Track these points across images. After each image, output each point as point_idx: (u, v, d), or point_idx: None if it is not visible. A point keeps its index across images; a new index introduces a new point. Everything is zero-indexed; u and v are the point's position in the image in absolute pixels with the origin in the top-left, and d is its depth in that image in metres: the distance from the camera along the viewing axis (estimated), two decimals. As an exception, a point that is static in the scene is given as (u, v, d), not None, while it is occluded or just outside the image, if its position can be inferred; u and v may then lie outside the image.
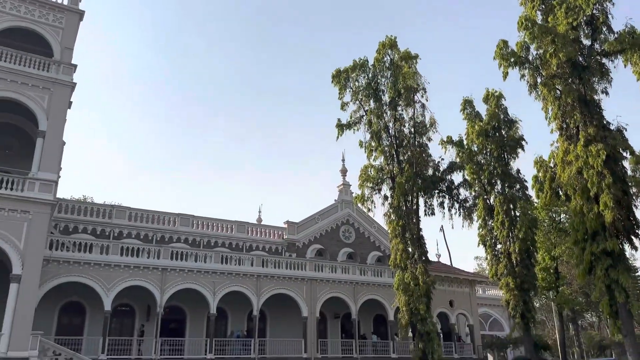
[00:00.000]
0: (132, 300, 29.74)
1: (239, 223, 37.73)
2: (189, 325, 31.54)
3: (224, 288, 30.58)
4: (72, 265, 26.41)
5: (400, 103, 31.08)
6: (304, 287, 33.41)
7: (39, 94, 25.75)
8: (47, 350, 22.67)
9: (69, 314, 28.43)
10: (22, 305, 22.28)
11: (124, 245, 28.64)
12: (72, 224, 31.44)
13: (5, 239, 22.85)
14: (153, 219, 34.48)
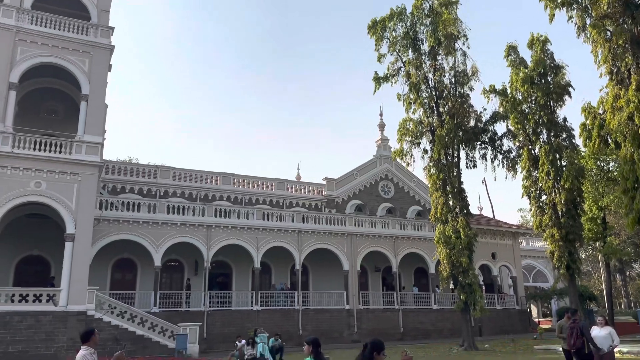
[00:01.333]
0: (181, 256, 30.94)
1: (278, 180, 38.16)
2: (235, 279, 32.69)
3: (266, 243, 31.35)
4: (122, 224, 27.55)
5: (440, 52, 29.97)
6: (344, 242, 33.84)
7: (80, 57, 26.26)
8: (103, 304, 24.03)
9: (121, 269, 29.91)
10: (78, 263, 23.59)
11: (170, 203, 29.59)
12: (119, 184, 32.59)
13: (57, 200, 23.98)
14: (196, 178, 35.29)
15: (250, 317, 29.48)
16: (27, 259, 27.44)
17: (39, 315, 22.21)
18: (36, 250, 27.42)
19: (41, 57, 25.41)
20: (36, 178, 23.80)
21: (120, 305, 24.44)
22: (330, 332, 31.01)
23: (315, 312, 31.78)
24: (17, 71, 24.72)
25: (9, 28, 24.93)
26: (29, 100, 27.81)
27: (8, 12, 25.20)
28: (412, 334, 34.06)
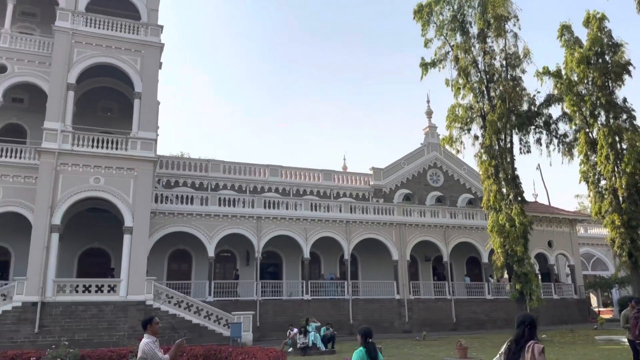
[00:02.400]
0: (233, 247, 31.66)
1: (325, 171, 38.24)
2: (285, 269, 33.15)
3: (315, 234, 31.56)
4: (177, 217, 28.46)
5: (490, 34, 28.99)
6: (392, 232, 33.59)
7: (132, 56, 27.17)
8: (161, 294, 24.96)
9: (177, 260, 30.95)
10: (136, 254, 24.59)
11: (221, 196, 30.30)
12: (173, 178, 33.63)
13: (116, 194, 25.04)
14: (245, 170, 35.92)
15: (301, 306, 29.84)
16: (89, 252, 28.84)
17: (102, 305, 23.35)
18: (97, 243, 28.77)
19: (96, 57, 26.47)
20: (95, 174, 24.91)
21: (177, 295, 25.30)
22: (381, 321, 30.95)
23: (365, 301, 31.79)
24: (74, 72, 25.87)
25: (66, 31, 26.08)
26: (85, 99, 29.06)
27: (64, 16, 26.36)
28: (465, 325, 33.50)
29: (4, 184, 24.96)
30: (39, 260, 22.84)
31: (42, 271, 22.75)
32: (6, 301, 22.23)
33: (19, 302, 22.22)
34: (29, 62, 26.69)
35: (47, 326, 22.35)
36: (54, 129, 24.59)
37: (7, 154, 25.38)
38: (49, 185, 23.82)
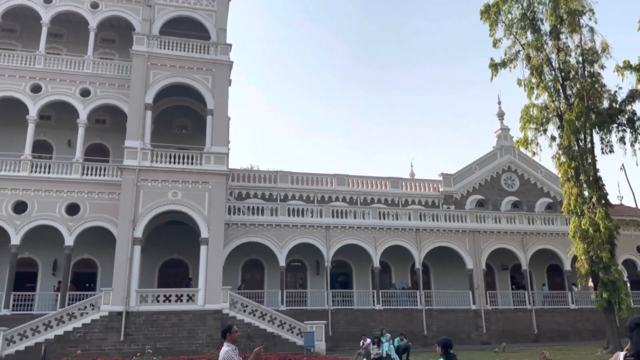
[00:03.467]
0: (303, 256, 31.99)
1: (392, 179, 37.80)
2: (355, 278, 33.01)
3: (384, 242, 31.23)
4: (249, 227, 29.21)
5: (563, 30, 27.56)
6: (466, 239, 32.56)
7: (203, 75, 28.37)
8: (236, 302, 25.66)
9: (250, 270, 31.72)
10: (212, 264, 25.48)
11: (290, 206, 30.79)
12: (244, 190, 34.59)
13: (192, 207, 26.15)
14: (312, 180, 36.29)
15: (373, 316, 29.55)
16: (168, 263, 30.23)
17: (181, 314, 24.35)
18: (176, 254, 30.10)
19: (171, 78, 27.89)
20: (173, 188, 26.16)
21: (252, 304, 25.89)
22: (457, 332, 29.95)
23: (440, 312, 30.95)
24: (151, 93, 27.39)
25: (142, 54, 27.71)
26: (162, 118, 30.64)
27: (140, 40, 28.04)
28: (547, 335, 31.71)
29: (90, 200, 26.78)
30: (123, 272, 24.22)
31: (126, 282, 24.10)
32: (94, 310, 23.73)
33: (105, 312, 23.65)
34: (109, 86, 28.61)
35: (132, 334, 23.59)
36: (134, 147, 26.11)
37: (93, 172, 27.24)
38: (131, 201, 25.28)
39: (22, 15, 29.70)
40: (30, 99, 27.40)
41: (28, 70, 27.72)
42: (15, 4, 28.75)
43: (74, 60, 28.68)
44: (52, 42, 30.15)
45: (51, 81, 27.88)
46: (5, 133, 27.96)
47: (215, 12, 30.37)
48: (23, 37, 30.40)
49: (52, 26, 29.26)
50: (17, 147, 27.16)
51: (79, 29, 30.19)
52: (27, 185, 26.05)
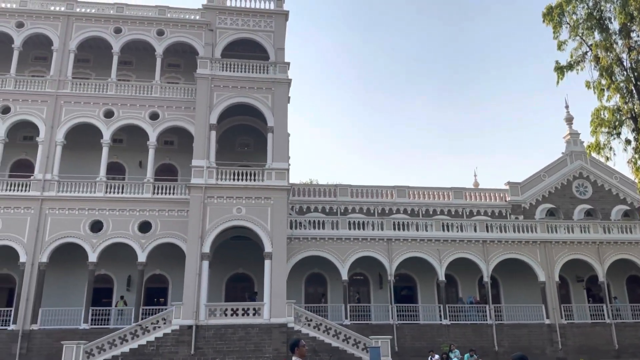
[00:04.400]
0: (365, 270, 31.79)
1: (455, 189, 36.91)
2: (420, 292, 32.36)
3: (449, 255, 30.47)
4: (310, 241, 29.45)
5: (634, 28, 25.98)
6: (537, 250, 31.17)
7: (263, 94, 29.16)
8: (300, 316, 25.84)
9: (313, 284, 31.88)
10: (276, 278, 25.87)
11: (350, 219, 30.79)
12: (304, 204, 34.98)
13: (255, 222, 26.76)
14: (372, 193, 36.11)
15: (440, 331, 28.80)
16: (234, 277, 30.96)
17: (248, 328, 24.83)
18: (241, 268, 30.80)
19: (233, 98, 28.85)
20: (237, 204, 26.91)
21: (316, 318, 25.98)
22: (530, 348, 28.56)
23: (511, 327, 29.68)
24: (215, 113, 28.45)
25: (206, 77, 28.88)
26: (225, 136, 31.67)
27: (204, 63, 29.25)
28: (630, 351, 29.59)
29: (161, 217, 28.02)
30: (193, 286, 25.07)
31: (195, 296, 24.92)
32: (166, 324, 24.67)
33: (176, 326, 24.52)
34: (176, 108, 30.00)
35: (202, 348, 24.29)
36: (201, 166, 27.16)
37: (163, 191, 28.52)
38: (198, 217, 26.24)
39: (95, 46, 31.82)
40: (104, 123, 29.20)
41: (101, 97, 29.61)
42: (89, 36, 30.86)
43: (143, 85, 30.36)
44: (122, 69, 32.05)
45: (122, 106, 29.62)
46: (81, 156, 29.86)
47: (273, 32, 31.26)
48: (96, 66, 32.52)
49: (122, 54, 31.13)
50: (93, 170, 28.96)
51: (146, 55, 31.94)
52: (103, 205, 27.66)
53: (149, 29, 31.31)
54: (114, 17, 31.06)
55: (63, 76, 29.71)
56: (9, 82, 29.22)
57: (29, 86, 29.42)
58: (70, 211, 27.42)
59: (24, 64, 31.27)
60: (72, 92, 29.45)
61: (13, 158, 30.33)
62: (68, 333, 25.20)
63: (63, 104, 29.17)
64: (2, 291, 29.02)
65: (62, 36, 30.35)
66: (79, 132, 29.38)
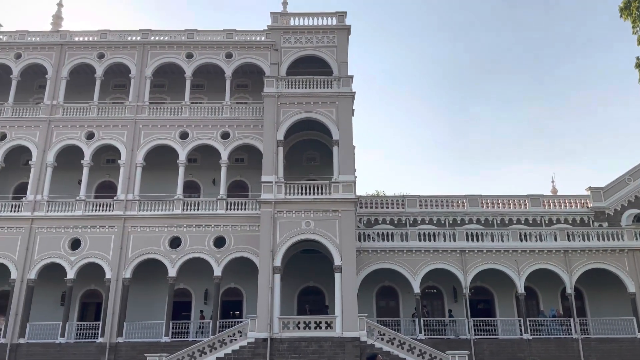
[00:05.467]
0: (438, 283, 31.01)
1: (532, 197, 35.22)
2: (498, 305, 31.08)
3: (528, 266, 29.12)
4: (379, 254, 29.20)
5: None
6: (624, 259, 29.12)
7: (328, 108, 29.50)
8: (373, 330, 25.56)
9: (384, 297, 31.50)
10: (347, 291, 25.81)
11: (420, 231, 30.24)
12: (372, 216, 34.76)
13: (324, 235, 26.94)
14: (442, 203, 35.26)
15: (521, 346, 27.46)
16: (305, 290, 31.26)
17: (321, 341, 24.89)
18: (312, 281, 31.04)
19: (298, 114, 29.42)
20: (306, 218, 27.25)
21: (389, 332, 25.60)
22: (623, 365, 26.52)
23: (599, 341, 27.73)
24: (282, 130, 29.11)
25: (272, 95, 29.68)
26: (292, 152, 32.30)
27: (270, 82, 30.10)
28: None
29: (234, 232, 28.93)
30: (266, 300, 25.57)
31: (268, 309, 25.38)
32: (242, 337, 25.26)
33: (252, 338, 25.04)
34: (245, 127, 31.04)
35: (277, 360, 24.61)
36: (270, 182, 27.82)
37: (235, 206, 29.47)
38: (269, 231, 26.83)
39: (169, 71, 33.68)
40: (180, 144, 30.72)
41: (176, 119, 31.22)
42: (163, 62, 32.71)
43: (214, 106, 31.72)
44: (195, 92, 33.63)
45: (196, 127, 31.06)
46: (159, 176, 31.49)
47: (335, 47, 31.69)
48: (170, 91, 34.38)
49: (194, 78, 32.69)
50: (170, 188, 30.47)
51: (216, 78, 33.38)
52: (180, 222, 28.99)
53: (218, 52, 32.72)
54: (185, 43, 32.76)
55: (141, 101, 31.64)
56: (92, 110, 31.53)
57: (111, 112, 31.59)
58: (151, 228, 28.97)
59: (105, 91, 33.63)
60: (149, 116, 31.29)
61: (98, 180, 32.60)
62: (151, 345, 26.48)
63: (142, 127, 31.04)
64: (91, 306, 31.04)
65: (138, 64, 32.39)
66: (157, 154, 31.06)
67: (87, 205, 29.64)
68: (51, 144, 30.82)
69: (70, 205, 29.59)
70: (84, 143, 30.84)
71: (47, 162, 30.42)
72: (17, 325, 27.44)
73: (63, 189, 31.01)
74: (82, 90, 32.92)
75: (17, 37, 33.33)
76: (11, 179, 32.42)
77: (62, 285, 28.55)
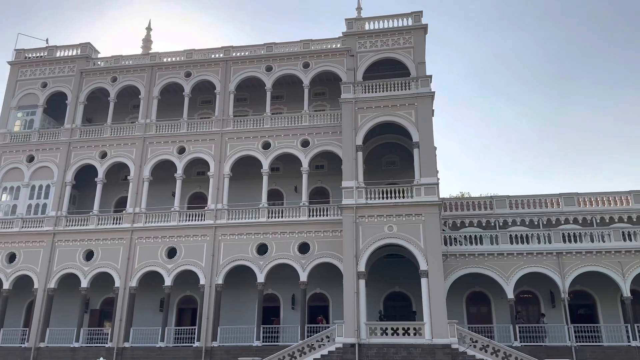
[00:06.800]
0: (533, 287, 29.40)
1: (635, 193, 32.40)
2: (601, 310, 28.85)
3: (634, 268, 26.87)
4: (468, 258, 28.18)
5: None
6: None
7: (406, 110, 29.04)
8: (464, 337, 24.64)
9: (474, 303, 30.31)
10: (435, 297, 25.14)
11: (511, 233, 28.80)
12: (458, 219, 33.68)
13: (408, 240, 26.48)
14: (534, 203, 33.40)
15: (630, 354, 25.33)
16: (391, 295, 30.85)
17: (410, 348, 24.40)
18: (397, 287, 30.58)
19: (376, 118, 29.22)
20: (388, 222, 26.96)
21: (482, 339, 24.57)
22: None
23: None
24: (360, 135, 29.07)
25: (350, 101, 29.75)
26: (371, 156, 32.16)
27: (347, 88, 30.21)
28: None
29: (317, 238, 29.28)
30: (352, 305, 25.56)
31: (355, 315, 25.34)
32: (330, 342, 25.39)
33: (340, 344, 25.10)
34: (324, 134, 31.41)
35: (365, 366, 24.46)
36: (350, 187, 27.87)
37: (317, 213, 29.86)
38: (351, 237, 26.84)
39: (250, 85, 34.94)
40: (263, 154, 31.71)
41: (259, 130, 32.28)
42: (245, 76, 34.01)
43: (293, 116, 32.44)
44: (275, 103, 34.60)
45: (277, 137, 31.91)
46: (245, 186, 32.69)
47: (412, 48, 31.28)
48: (252, 103, 35.66)
49: (273, 90, 33.66)
50: (255, 197, 31.55)
51: (294, 88, 34.16)
52: (266, 229, 29.85)
53: (296, 63, 33.47)
54: (265, 56, 33.85)
55: (226, 115, 33.08)
56: (182, 126, 33.43)
57: (199, 127, 33.31)
58: (239, 236, 30.10)
59: (193, 108, 35.54)
60: (234, 129, 32.62)
61: (190, 192, 34.48)
62: (244, 350, 27.41)
63: (227, 140, 32.44)
64: (187, 311, 32.76)
65: (222, 80, 33.93)
66: (242, 164, 32.27)
67: (181, 215, 31.40)
68: (146, 160, 33.06)
69: (165, 217, 31.52)
70: (176, 157, 32.76)
71: (143, 177, 32.65)
72: (122, 330, 29.54)
73: (158, 201, 33.15)
74: (172, 107, 35.07)
75: (113, 62, 36.20)
76: (112, 194, 35.18)
77: (160, 292, 30.38)
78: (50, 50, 37.08)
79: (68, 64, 36.37)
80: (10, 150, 34.77)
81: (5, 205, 33.95)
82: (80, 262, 31.32)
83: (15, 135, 35.26)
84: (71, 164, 33.80)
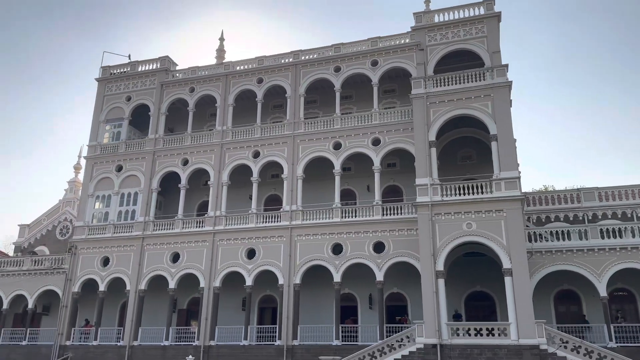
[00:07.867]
0: (630, 285, 27.32)
1: None
2: None
3: None
4: (555, 254, 26.68)
5: None
6: None
7: (482, 102, 28.01)
8: (554, 337, 23.32)
9: (563, 302, 28.62)
10: (520, 296, 24.02)
11: (602, 227, 26.92)
12: (542, 214, 31.91)
13: (489, 237, 25.50)
14: (626, 194, 30.98)
15: None
16: (472, 295, 29.83)
17: (495, 349, 23.47)
18: (479, 286, 29.52)
19: (449, 112, 28.44)
20: (466, 220, 26.12)
21: (573, 340, 23.14)
22: None
23: None
24: (433, 130, 28.42)
25: (421, 96, 29.17)
26: (445, 152, 31.30)
27: (417, 84, 29.63)
28: None
29: (392, 237, 28.95)
30: (431, 305, 25.00)
31: (435, 315, 24.77)
32: (410, 343, 24.98)
33: (420, 344, 24.62)
34: (395, 131, 31.00)
35: (448, 368, 23.85)
36: (424, 184, 27.30)
37: (391, 211, 29.54)
38: (428, 235, 26.28)
39: (319, 87, 35.22)
40: (334, 155, 31.86)
41: (329, 131, 32.46)
42: (314, 79, 34.34)
43: (363, 115, 32.30)
44: (344, 103, 34.66)
45: (348, 137, 31.93)
46: (317, 187, 33.01)
47: (485, 37, 30.12)
48: (322, 105, 35.90)
49: (342, 90, 33.70)
50: (328, 198, 31.78)
51: (363, 86, 34.03)
52: (340, 229, 29.95)
53: (364, 61, 33.31)
54: (333, 57, 33.99)
55: (297, 118, 33.59)
56: (256, 131, 34.35)
57: (272, 131, 34.08)
58: (314, 236, 30.44)
59: (266, 113, 36.42)
60: (305, 131, 33.05)
61: (265, 194, 35.39)
62: (324, 349, 27.65)
63: (299, 142, 32.93)
64: (267, 310, 33.62)
65: (292, 84, 34.50)
66: (314, 165, 32.62)
67: (258, 217, 32.28)
68: (224, 165, 34.31)
69: (244, 219, 32.53)
70: (252, 161, 33.74)
71: (222, 182, 33.92)
72: (208, 329, 30.82)
73: (237, 205, 34.28)
74: (246, 113, 36.16)
75: (190, 73, 37.90)
76: (194, 199, 36.86)
77: (242, 292, 31.39)
78: (132, 65, 39.48)
79: (149, 78, 38.55)
80: (101, 161, 37.42)
81: (98, 213, 36.62)
82: (168, 264, 33.09)
83: (105, 147, 37.89)
84: (156, 171, 35.80)
